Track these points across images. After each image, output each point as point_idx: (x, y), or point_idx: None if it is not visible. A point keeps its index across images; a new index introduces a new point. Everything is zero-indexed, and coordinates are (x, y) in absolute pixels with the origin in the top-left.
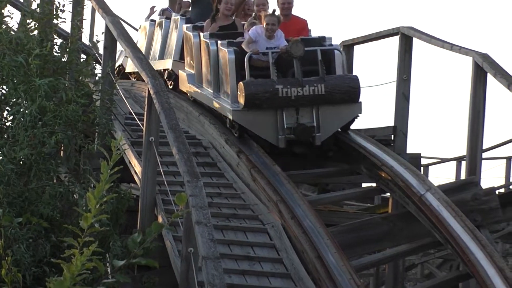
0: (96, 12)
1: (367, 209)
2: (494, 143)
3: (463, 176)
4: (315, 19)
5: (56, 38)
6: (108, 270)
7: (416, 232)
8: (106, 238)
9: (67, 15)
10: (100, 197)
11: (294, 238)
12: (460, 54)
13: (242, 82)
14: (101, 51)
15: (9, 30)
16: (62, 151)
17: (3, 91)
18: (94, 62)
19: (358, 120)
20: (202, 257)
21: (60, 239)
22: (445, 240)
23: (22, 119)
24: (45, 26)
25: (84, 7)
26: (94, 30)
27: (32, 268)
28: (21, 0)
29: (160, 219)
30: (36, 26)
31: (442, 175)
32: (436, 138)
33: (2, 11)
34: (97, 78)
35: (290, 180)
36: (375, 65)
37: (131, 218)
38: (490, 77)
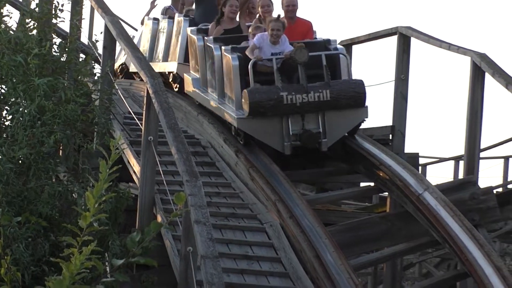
0: (95, 11)
1: (365, 208)
2: (492, 142)
3: (461, 176)
4: (313, 18)
5: (55, 38)
6: (107, 269)
7: (414, 232)
8: (105, 237)
9: (66, 15)
10: (99, 196)
11: (292, 237)
12: (458, 54)
13: (246, 90)
14: (100, 50)
15: (8, 30)
16: (61, 151)
17: (2, 91)
18: (93, 62)
19: None
20: (201, 256)
21: (59, 238)
22: (443, 239)
23: (21, 119)
24: (44, 25)
25: (83, 6)
26: (93, 29)
27: (31, 267)
28: None
29: (159, 218)
30: (35, 26)
31: (440, 174)
32: (434, 137)
33: (1, 10)
34: (96, 77)
35: (288, 179)
36: (373, 64)
37: (130, 217)
38: (488, 76)
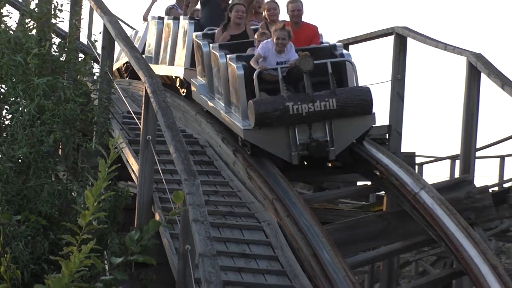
0: (94, 11)
1: (362, 207)
2: (487, 142)
3: (457, 175)
4: (310, 18)
5: (54, 38)
6: (106, 267)
7: (411, 230)
8: (104, 236)
9: (65, 15)
10: (98, 195)
11: (289, 235)
12: (454, 54)
13: (252, 101)
14: (99, 50)
15: (7, 30)
16: (60, 150)
17: (2, 90)
18: (92, 62)
19: None
20: (199, 254)
21: (58, 236)
22: (439, 238)
23: (20, 118)
24: (43, 25)
25: (82, 6)
26: (92, 29)
27: (31, 265)
28: None
29: (157, 217)
30: (35, 26)
31: (436, 173)
32: (431, 137)
33: (1, 10)
34: (95, 77)
35: (285, 178)
36: (370, 64)
37: (129, 216)
38: (483, 76)
